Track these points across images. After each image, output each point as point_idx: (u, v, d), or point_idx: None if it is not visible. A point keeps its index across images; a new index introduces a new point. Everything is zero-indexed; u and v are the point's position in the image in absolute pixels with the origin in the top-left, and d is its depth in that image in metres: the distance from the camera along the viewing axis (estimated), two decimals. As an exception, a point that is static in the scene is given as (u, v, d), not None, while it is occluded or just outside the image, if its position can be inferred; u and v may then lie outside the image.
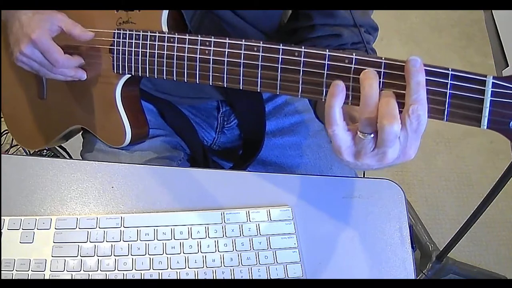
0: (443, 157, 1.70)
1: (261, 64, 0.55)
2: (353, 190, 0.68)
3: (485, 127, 0.47)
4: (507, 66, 1.88)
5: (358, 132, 0.49)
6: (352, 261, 0.63)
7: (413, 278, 0.62)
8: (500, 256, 1.50)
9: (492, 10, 2.01)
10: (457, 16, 2.05)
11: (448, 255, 1.30)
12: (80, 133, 0.88)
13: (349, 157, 0.52)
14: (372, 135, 0.49)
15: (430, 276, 1.33)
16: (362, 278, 0.62)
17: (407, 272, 0.63)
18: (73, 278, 0.58)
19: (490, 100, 0.46)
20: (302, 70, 0.53)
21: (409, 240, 0.65)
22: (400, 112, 0.48)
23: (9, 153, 1.33)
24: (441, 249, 1.31)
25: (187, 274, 0.60)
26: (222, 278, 0.60)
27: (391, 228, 0.66)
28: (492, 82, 0.46)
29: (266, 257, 0.62)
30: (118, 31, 0.66)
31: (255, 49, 0.55)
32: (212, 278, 0.60)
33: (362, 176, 0.75)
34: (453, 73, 0.47)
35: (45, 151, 1.27)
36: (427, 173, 1.66)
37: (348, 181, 0.70)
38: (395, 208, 0.67)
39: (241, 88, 0.58)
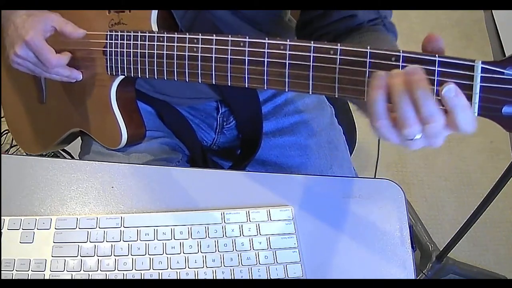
0: (443, 157, 1.70)
1: (247, 59, 0.55)
2: (353, 190, 0.68)
3: (476, 114, 0.45)
4: (507, 66, 1.88)
5: (405, 137, 0.47)
6: (352, 261, 0.63)
7: (413, 278, 0.62)
8: (500, 256, 1.50)
9: (492, 10, 2.01)
10: (457, 16, 2.05)
11: (448, 255, 1.30)
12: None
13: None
14: (420, 135, 0.47)
15: (430, 276, 1.32)
16: (362, 278, 0.62)
17: (407, 272, 0.62)
18: (73, 278, 0.58)
19: (480, 85, 0.44)
20: (288, 63, 0.53)
21: (409, 240, 0.65)
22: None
23: (9, 153, 1.33)
24: (441, 249, 1.31)
25: (187, 274, 0.60)
26: (222, 278, 0.60)
27: (391, 228, 0.66)
28: (481, 67, 0.44)
29: (266, 257, 0.62)
30: (111, 33, 0.66)
31: (241, 44, 0.55)
32: (212, 278, 0.60)
33: (362, 176, 0.75)
34: (440, 59, 0.46)
35: (45, 151, 1.27)
36: (427, 173, 1.66)
37: (348, 181, 0.70)
38: (395, 208, 0.67)
39: (229, 84, 0.58)
